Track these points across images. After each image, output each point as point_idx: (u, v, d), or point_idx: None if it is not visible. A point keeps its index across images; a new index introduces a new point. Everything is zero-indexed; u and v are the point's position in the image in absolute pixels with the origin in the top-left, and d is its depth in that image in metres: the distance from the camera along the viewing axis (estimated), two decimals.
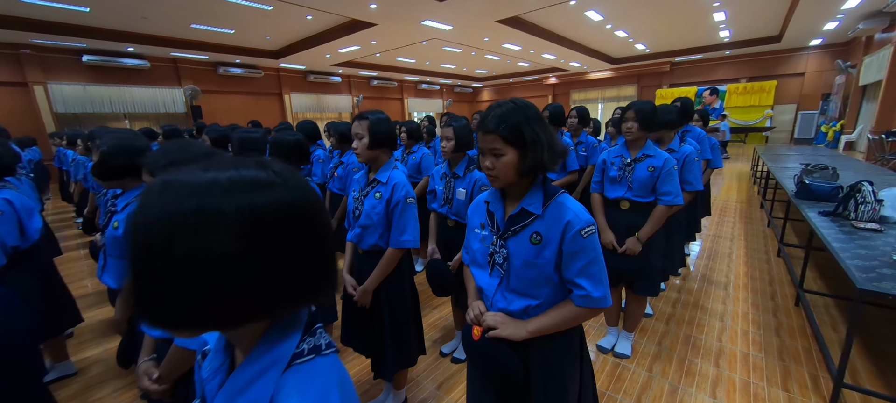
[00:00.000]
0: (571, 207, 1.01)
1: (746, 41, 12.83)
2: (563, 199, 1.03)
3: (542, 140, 0.97)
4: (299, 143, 1.86)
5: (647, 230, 2.01)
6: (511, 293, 1.08)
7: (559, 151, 1.01)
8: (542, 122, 0.99)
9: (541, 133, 0.97)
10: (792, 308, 2.79)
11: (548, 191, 1.04)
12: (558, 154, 1.01)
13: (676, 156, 2.40)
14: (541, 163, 0.98)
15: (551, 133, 1.00)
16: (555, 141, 1.00)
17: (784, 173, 4.25)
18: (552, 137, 1.00)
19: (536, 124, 0.97)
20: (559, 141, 1.02)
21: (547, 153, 0.98)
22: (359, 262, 1.66)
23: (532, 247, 1.03)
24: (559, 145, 1.01)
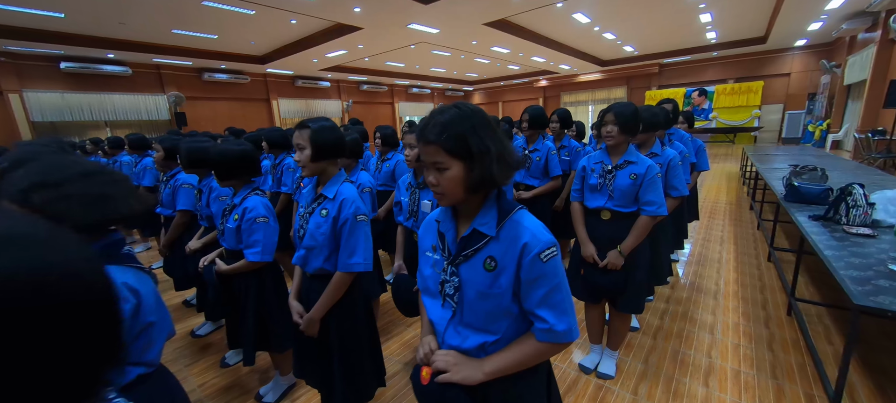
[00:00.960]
0: (529, 226, 0.86)
1: (733, 42, 12.92)
2: (519, 217, 0.89)
3: (491, 151, 0.83)
4: (245, 154, 1.70)
5: (630, 243, 1.87)
6: (465, 328, 0.93)
7: (512, 162, 0.87)
8: (491, 129, 0.85)
9: (489, 143, 0.83)
10: (784, 318, 2.67)
11: (502, 208, 0.89)
12: (511, 165, 0.87)
13: (660, 160, 2.28)
14: (490, 177, 0.83)
15: (503, 142, 0.86)
16: (507, 151, 0.86)
17: (773, 174, 4.17)
18: (504, 146, 0.86)
19: (484, 132, 0.83)
20: (512, 151, 0.88)
21: (497, 166, 0.83)
22: (306, 286, 1.50)
23: (486, 274, 0.88)
24: (512, 156, 0.87)
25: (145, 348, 0.92)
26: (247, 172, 1.72)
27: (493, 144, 0.83)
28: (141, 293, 0.89)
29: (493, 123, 0.87)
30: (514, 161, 0.87)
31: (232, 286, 1.77)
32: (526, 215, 0.90)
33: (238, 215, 1.69)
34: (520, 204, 0.92)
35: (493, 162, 0.83)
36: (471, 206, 0.92)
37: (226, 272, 1.72)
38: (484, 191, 0.88)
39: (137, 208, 0.93)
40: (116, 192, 0.88)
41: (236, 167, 1.69)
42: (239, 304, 1.78)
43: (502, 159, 0.84)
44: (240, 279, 1.75)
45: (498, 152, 0.84)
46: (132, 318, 0.86)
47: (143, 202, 0.95)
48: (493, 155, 0.83)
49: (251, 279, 1.75)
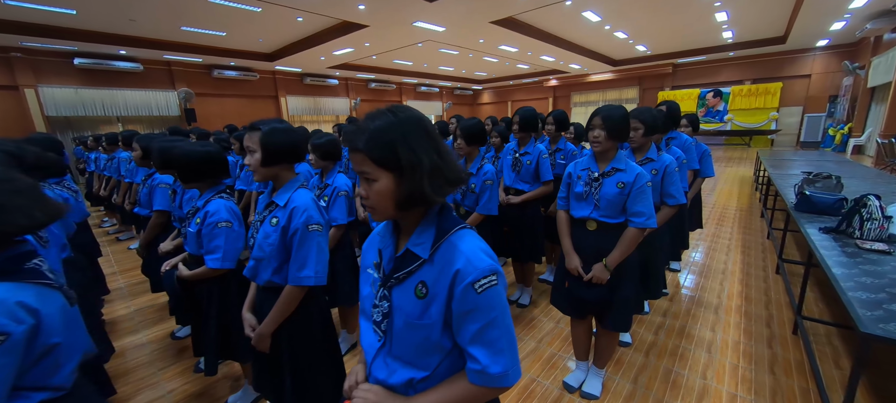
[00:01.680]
0: (465, 250, 0.75)
1: (750, 42, 12.50)
2: (456, 238, 0.78)
3: (423, 164, 0.72)
4: (210, 155, 1.62)
5: (616, 256, 1.74)
6: (394, 361, 0.83)
7: (451, 177, 0.77)
8: (428, 140, 0.75)
9: (422, 155, 0.73)
10: (789, 337, 2.50)
11: (441, 227, 0.79)
12: (449, 181, 0.77)
13: (655, 166, 2.14)
14: (419, 193, 0.73)
15: (442, 155, 0.76)
16: (446, 164, 0.76)
17: (786, 180, 3.95)
18: (442, 159, 0.76)
19: (418, 143, 0.73)
20: (453, 165, 0.78)
21: (429, 181, 0.73)
22: (259, 298, 1.41)
23: (417, 302, 0.78)
24: (452, 170, 0.77)
25: (50, 371, 0.84)
26: (212, 174, 1.65)
27: (427, 156, 0.73)
28: (41, 313, 0.81)
29: (433, 133, 0.77)
30: (453, 177, 0.77)
31: (195, 292, 1.70)
32: (466, 236, 0.78)
33: (200, 218, 1.62)
34: (464, 223, 0.81)
35: (425, 177, 0.72)
36: (409, 222, 0.82)
37: (187, 278, 1.65)
38: (419, 207, 0.78)
39: (42, 218, 0.85)
40: (14, 202, 0.80)
41: (200, 169, 1.61)
42: (201, 311, 1.71)
43: (437, 173, 0.74)
44: (203, 286, 1.68)
45: (432, 166, 0.73)
46: (29, 340, 0.79)
47: (52, 212, 0.87)
48: (426, 169, 0.72)
49: (214, 287, 1.68)
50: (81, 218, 2.69)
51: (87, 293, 1.97)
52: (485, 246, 0.78)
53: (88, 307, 1.92)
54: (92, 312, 2.01)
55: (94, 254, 3.00)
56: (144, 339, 2.74)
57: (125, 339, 2.76)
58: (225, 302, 1.68)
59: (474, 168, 2.28)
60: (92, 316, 1.97)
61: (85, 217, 2.72)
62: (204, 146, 1.63)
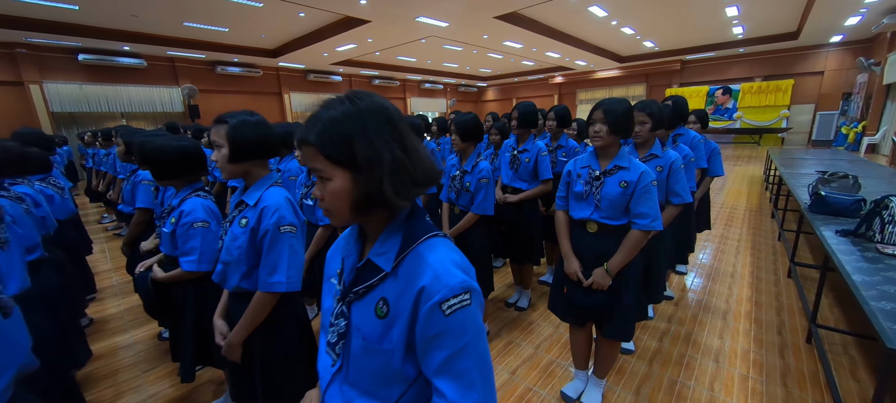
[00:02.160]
0: (433, 263, 0.64)
1: (761, 38, 12.23)
2: (425, 248, 0.66)
3: (384, 160, 0.62)
4: (184, 150, 1.52)
5: (618, 261, 1.63)
6: (350, 388, 0.72)
7: (418, 176, 0.66)
8: (393, 131, 0.64)
9: (383, 150, 0.62)
10: (802, 346, 2.36)
11: (409, 234, 0.68)
12: (417, 181, 0.66)
13: (659, 163, 2.01)
14: (378, 194, 0.62)
15: (408, 150, 0.65)
16: (413, 162, 0.65)
17: (798, 180, 3.79)
18: (408, 154, 0.65)
19: (379, 136, 0.62)
20: (422, 163, 0.67)
21: (390, 180, 0.62)
22: (231, 305, 1.32)
23: (377, 322, 0.67)
24: (420, 169, 0.66)
25: None
26: (188, 170, 1.56)
27: (389, 151, 0.62)
28: None
29: (400, 125, 0.65)
30: (421, 176, 0.66)
31: (171, 295, 1.61)
32: (437, 246, 0.67)
33: (175, 218, 1.53)
34: (436, 230, 0.70)
35: (385, 176, 0.62)
36: (373, 228, 0.71)
37: (161, 280, 1.56)
38: (380, 211, 0.67)
39: None
40: None
41: (174, 165, 1.52)
42: (178, 315, 1.62)
43: (401, 172, 0.63)
44: (179, 289, 1.60)
45: (394, 163, 0.62)
46: None
47: None
48: (386, 166, 0.62)
49: (190, 289, 1.59)
50: (68, 216, 2.62)
51: (64, 295, 1.89)
52: (459, 258, 0.66)
53: (64, 310, 1.85)
54: (69, 314, 1.93)
55: (81, 252, 2.94)
56: (132, 339, 2.67)
57: (112, 339, 2.69)
58: (202, 306, 1.59)
59: (469, 165, 2.17)
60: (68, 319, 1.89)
61: (72, 214, 2.65)
62: (179, 141, 1.54)
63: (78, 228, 3.08)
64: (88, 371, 2.32)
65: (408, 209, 0.70)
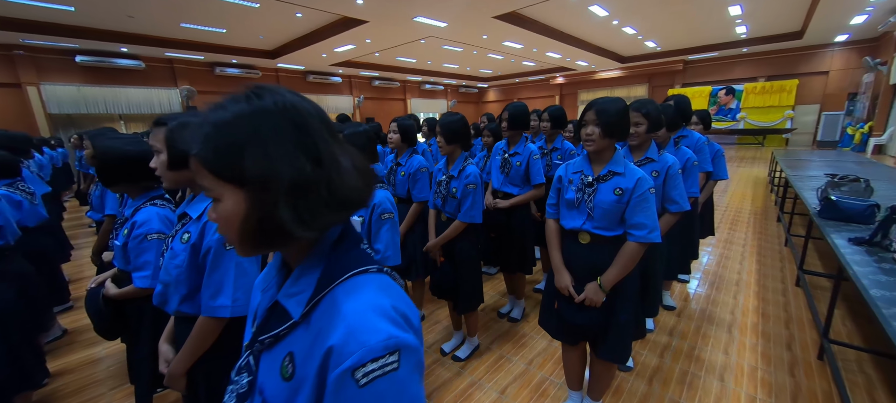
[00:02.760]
0: (349, 313, 0.48)
1: (765, 38, 12.05)
2: (343, 291, 0.51)
3: (281, 177, 0.47)
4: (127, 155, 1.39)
5: (612, 276, 1.49)
6: None
7: (335, 198, 0.50)
8: (300, 138, 0.49)
9: (281, 163, 0.47)
10: (814, 363, 2.21)
11: (328, 271, 0.53)
12: (333, 203, 0.50)
13: (655, 167, 1.87)
14: (269, 221, 0.48)
15: (324, 161, 0.50)
16: (328, 178, 0.50)
17: (806, 182, 3.63)
18: (322, 168, 0.50)
19: (278, 144, 0.48)
20: (342, 180, 0.51)
21: (287, 203, 0.47)
22: (177, 329, 1.19)
23: (282, 385, 0.52)
24: (337, 189, 0.51)
25: None
26: (137, 177, 1.43)
27: (291, 165, 0.47)
28: None
29: (312, 129, 0.50)
30: (341, 197, 0.51)
31: (125, 312, 1.48)
32: (361, 287, 0.51)
33: (127, 229, 1.40)
34: (367, 266, 0.54)
35: (282, 197, 0.47)
36: (292, 256, 0.58)
37: (114, 297, 1.43)
38: (281, 242, 0.52)
39: None
40: None
41: (118, 170, 1.39)
42: (132, 335, 1.49)
43: (308, 192, 0.48)
44: (133, 306, 1.47)
45: (298, 180, 0.48)
46: None
47: None
48: (284, 185, 0.47)
49: (146, 307, 1.45)
50: (37, 222, 2.50)
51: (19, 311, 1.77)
52: (390, 303, 0.50)
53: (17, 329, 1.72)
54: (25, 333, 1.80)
55: (55, 260, 2.82)
56: (103, 353, 2.55)
57: (86, 351, 2.57)
58: (158, 325, 1.46)
59: (456, 170, 2.03)
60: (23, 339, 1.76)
61: (43, 220, 2.53)
62: (127, 144, 1.41)
63: (54, 234, 2.95)
64: (54, 387, 2.20)
65: (336, 234, 0.57)
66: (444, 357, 2.37)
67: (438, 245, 2.10)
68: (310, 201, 0.49)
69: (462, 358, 2.33)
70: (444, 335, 2.63)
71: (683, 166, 2.22)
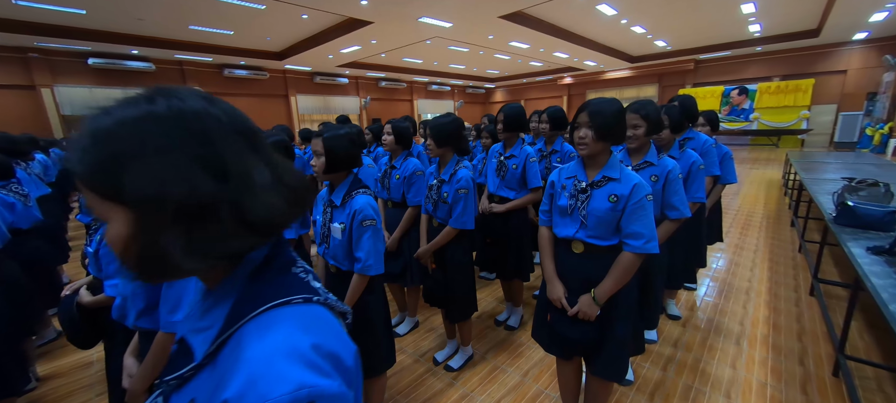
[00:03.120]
0: (253, 357, 0.40)
1: (780, 36, 11.73)
2: (253, 329, 0.43)
3: (167, 197, 0.40)
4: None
5: (607, 288, 1.39)
6: None
7: (244, 222, 0.44)
8: (200, 150, 0.42)
9: (171, 181, 0.40)
10: (828, 380, 2.08)
11: (242, 301, 0.46)
12: (239, 229, 0.43)
13: (654, 171, 1.77)
14: (154, 248, 0.41)
15: (231, 175, 0.43)
16: (236, 198, 0.43)
17: (821, 186, 3.47)
18: (225, 187, 0.42)
19: (167, 158, 0.40)
20: (255, 200, 0.44)
21: (176, 230, 0.40)
22: (141, 343, 1.13)
23: None
24: (248, 212, 0.44)
25: None
26: None
27: (185, 183, 0.40)
28: None
29: (222, 139, 0.43)
30: (252, 218, 0.44)
31: (99, 320, 1.44)
32: (274, 325, 0.43)
33: (100, 235, 1.35)
34: (292, 295, 0.46)
35: (169, 222, 0.40)
36: (211, 283, 0.51)
37: (88, 305, 1.39)
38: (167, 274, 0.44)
39: None
40: None
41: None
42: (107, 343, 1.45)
43: (205, 216, 0.41)
44: (107, 314, 1.42)
45: (186, 202, 0.40)
46: None
47: None
48: (171, 206, 0.39)
49: None
50: (31, 224, 2.49)
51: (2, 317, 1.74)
52: (310, 343, 0.42)
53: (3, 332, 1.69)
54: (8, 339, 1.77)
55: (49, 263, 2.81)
56: (95, 357, 2.53)
57: (75, 356, 2.55)
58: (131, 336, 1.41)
59: (447, 174, 1.95)
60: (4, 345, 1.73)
61: (36, 223, 2.52)
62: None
63: (52, 235, 2.95)
64: (41, 393, 2.18)
65: (259, 259, 0.49)
66: (436, 367, 2.30)
67: (429, 252, 2.03)
68: (207, 224, 0.41)
69: (455, 368, 2.25)
70: (438, 342, 2.55)
71: (688, 169, 2.11)
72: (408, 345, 2.54)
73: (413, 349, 2.49)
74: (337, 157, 1.42)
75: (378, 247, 1.46)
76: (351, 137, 1.45)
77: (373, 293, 1.56)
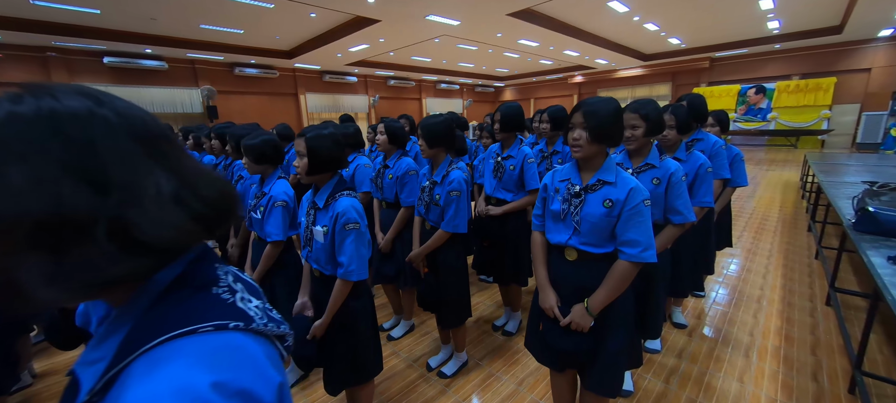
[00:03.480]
0: (134, 399, 0.34)
1: (800, 33, 11.33)
2: (138, 370, 0.37)
3: (26, 212, 0.33)
4: None
5: (600, 298, 1.31)
6: None
7: (128, 238, 0.38)
8: (67, 158, 0.35)
9: (24, 196, 0.34)
10: (844, 397, 1.95)
11: (137, 330, 0.40)
12: (118, 255, 0.38)
13: (656, 174, 1.67)
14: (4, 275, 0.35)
15: (112, 189, 0.37)
16: (115, 214, 0.37)
17: (841, 189, 3.30)
18: (104, 204, 0.36)
19: (28, 167, 0.34)
20: (141, 216, 0.39)
21: (31, 250, 0.34)
22: None
23: None
24: (134, 227, 0.38)
25: None
26: None
27: (45, 197, 0.34)
28: None
29: (102, 144, 0.37)
30: (140, 237, 0.38)
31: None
32: (164, 364, 0.37)
33: None
34: (197, 324, 0.40)
35: (22, 244, 0.34)
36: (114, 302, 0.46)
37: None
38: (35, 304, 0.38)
39: None
40: None
41: None
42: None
43: (75, 234, 0.35)
44: None
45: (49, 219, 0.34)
46: None
47: None
48: (27, 224, 0.34)
49: None
50: None
51: None
52: (207, 384, 0.36)
53: None
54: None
55: None
56: None
57: (71, 354, 2.56)
58: None
59: (439, 176, 1.89)
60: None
61: None
62: None
63: None
64: (35, 391, 2.19)
65: (169, 278, 0.44)
66: (429, 373, 2.24)
67: (421, 255, 1.97)
68: (77, 246, 0.35)
69: (448, 375, 2.18)
70: (433, 347, 2.49)
71: (695, 172, 2.01)
72: (402, 349, 2.49)
73: (407, 354, 2.44)
74: (319, 158, 1.37)
75: (361, 251, 1.41)
76: (334, 137, 1.39)
77: (358, 299, 1.51)
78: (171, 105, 12.23)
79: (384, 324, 2.74)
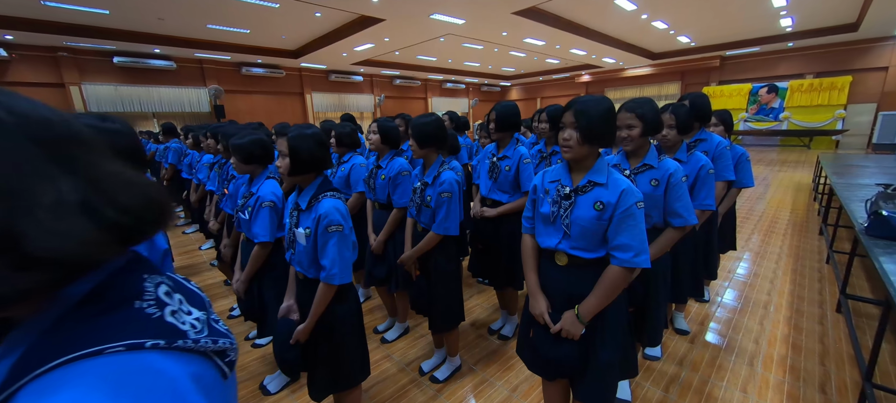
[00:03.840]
0: None
1: (814, 30, 11.05)
2: (26, 399, 0.32)
3: None
4: None
5: (591, 305, 1.26)
6: None
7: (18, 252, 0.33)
8: None
9: None
10: None
11: (26, 358, 0.35)
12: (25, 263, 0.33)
13: (655, 175, 1.61)
14: None
15: (14, 195, 0.33)
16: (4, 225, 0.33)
17: (853, 192, 3.19)
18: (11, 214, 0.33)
19: None
20: (34, 227, 0.33)
21: None
22: None
23: None
24: (28, 240, 0.33)
25: None
26: None
27: None
28: None
29: (7, 141, 0.34)
30: (33, 251, 0.33)
31: None
32: (55, 393, 0.32)
33: None
34: (105, 345, 0.35)
35: None
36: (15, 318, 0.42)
37: None
38: None
39: None
40: None
41: None
42: None
43: None
44: None
45: None
46: None
47: None
48: None
49: None
50: None
51: None
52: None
53: None
54: None
55: None
56: None
57: None
58: None
59: (430, 177, 1.84)
60: None
61: None
62: None
63: None
64: None
65: (82, 291, 0.40)
66: (421, 377, 2.19)
67: (412, 258, 1.93)
68: None
69: (440, 380, 2.14)
70: (427, 350, 2.45)
71: (696, 174, 1.93)
72: (395, 352, 2.45)
73: (400, 357, 2.40)
74: (301, 158, 1.33)
75: (344, 254, 1.37)
76: (317, 138, 1.36)
77: (343, 302, 1.47)
78: (178, 104, 12.38)
79: (378, 326, 2.70)
